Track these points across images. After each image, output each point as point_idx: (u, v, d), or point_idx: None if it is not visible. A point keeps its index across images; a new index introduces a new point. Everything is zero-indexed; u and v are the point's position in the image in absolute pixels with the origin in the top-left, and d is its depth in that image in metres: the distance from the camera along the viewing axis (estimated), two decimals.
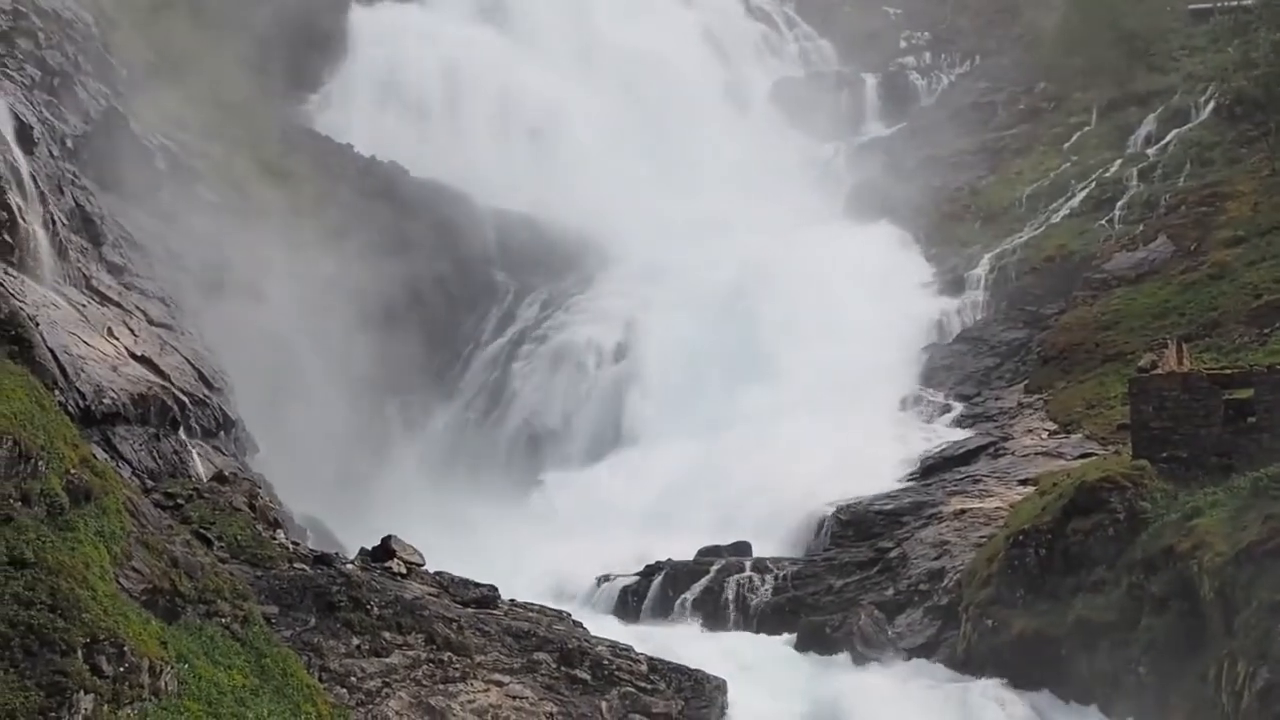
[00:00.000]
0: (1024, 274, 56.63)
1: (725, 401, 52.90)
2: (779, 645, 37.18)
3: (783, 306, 56.45)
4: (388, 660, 27.73)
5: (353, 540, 39.09)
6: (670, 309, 58.62)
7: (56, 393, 30.37)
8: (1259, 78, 57.66)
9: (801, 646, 36.64)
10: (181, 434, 37.16)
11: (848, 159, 74.76)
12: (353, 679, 26.90)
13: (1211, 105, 61.71)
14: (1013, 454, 44.09)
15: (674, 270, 60.32)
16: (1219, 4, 71.28)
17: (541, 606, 33.54)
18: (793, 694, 33.34)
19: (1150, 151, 61.93)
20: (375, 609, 28.61)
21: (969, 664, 33.88)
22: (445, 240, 61.23)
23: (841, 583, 39.21)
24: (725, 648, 36.25)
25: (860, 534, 41.45)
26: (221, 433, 40.24)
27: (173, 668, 21.77)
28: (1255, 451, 31.19)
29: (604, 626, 35.44)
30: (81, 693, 19.69)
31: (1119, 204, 58.18)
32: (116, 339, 37.67)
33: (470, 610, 31.03)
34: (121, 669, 20.49)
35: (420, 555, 33.46)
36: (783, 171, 71.57)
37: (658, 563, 41.84)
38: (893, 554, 39.48)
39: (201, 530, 29.56)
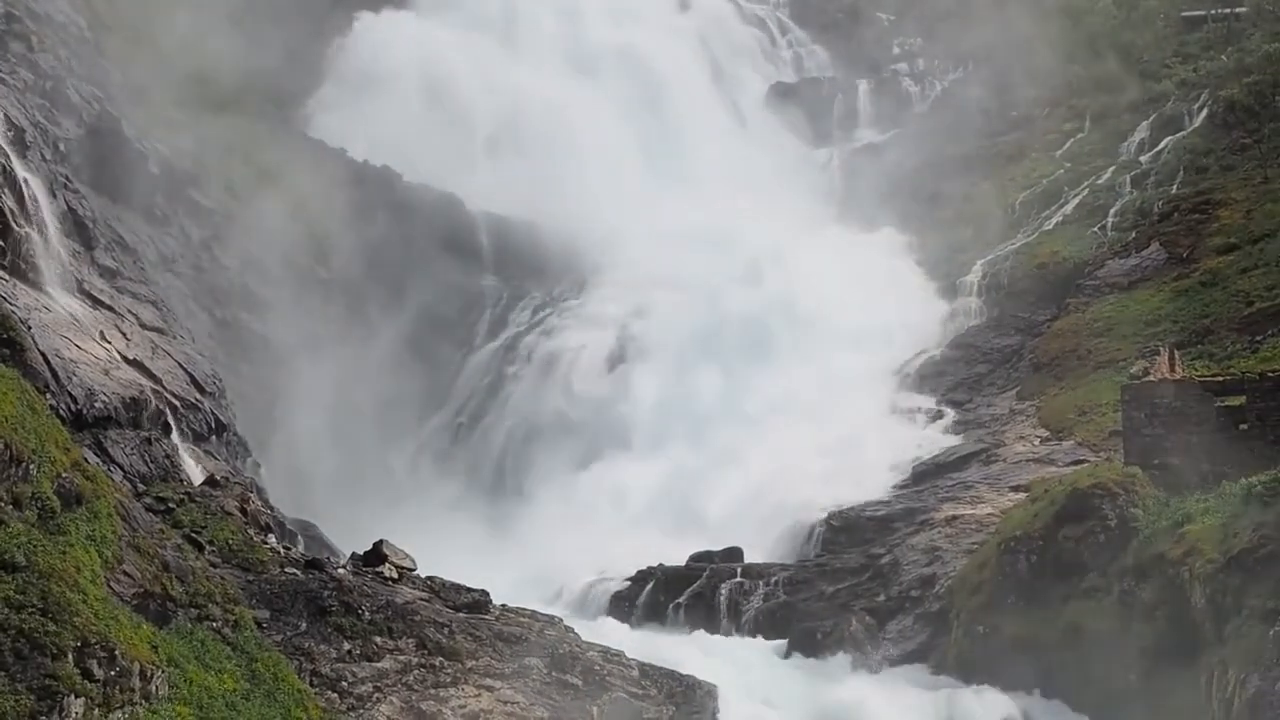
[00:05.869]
0: (1017, 280, 56.60)
1: (718, 408, 52.93)
2: (770, 650, 37.27)
3: (775, 313, 56.50)
4: (379, 665, 27.74)
5: (344, 545, 39.09)
6: (663, 314, 58.62)
7: (48, 396, 30.37)
8: (1252, 85, 57.88)
9: (793, 652, 36.70)
10: (173, 438, 37.07)
11: (841, 165, 74.69)
12: (344, 683, 26.91)
13: (1205, 112, 61.75)
14: (1004, 460, 44.15)
15: (668, 276, 60.27)
16: (1212, 12, 71.50)
17: (533, 611, 33.54)
18: (784, 699, 33.44)
19: (1143, 159, 61.99)
20: (366, 614, 28.65)
21: (960, 670, 33.99)
22: (438, 244, 61.17)
23: (833, 589, 39.26)
24: (717, 653, 36.28)
25: (852, 540, 41.56)
26: (214, 437, 40.15)
27: (163, 672, 21.77)
28: (1247, 458, 31.32)
29: (595, 631, 35.45)
30: (72, 696, 19.70)
31: (1112, 211, 58.21)
32: (108, 343, 37.60)
33: (462, 615, 31.04)
34: (112, 673, 20.50)
35: (412, 560, 33.45)
36: (777, 177, 71.46)
37: (650, 568, 41.85)
38: (884, 560, 39.53)
39: (193, 534, 29.60)
